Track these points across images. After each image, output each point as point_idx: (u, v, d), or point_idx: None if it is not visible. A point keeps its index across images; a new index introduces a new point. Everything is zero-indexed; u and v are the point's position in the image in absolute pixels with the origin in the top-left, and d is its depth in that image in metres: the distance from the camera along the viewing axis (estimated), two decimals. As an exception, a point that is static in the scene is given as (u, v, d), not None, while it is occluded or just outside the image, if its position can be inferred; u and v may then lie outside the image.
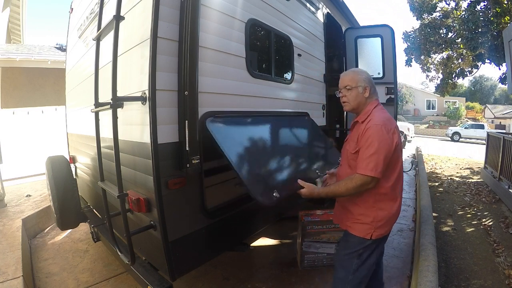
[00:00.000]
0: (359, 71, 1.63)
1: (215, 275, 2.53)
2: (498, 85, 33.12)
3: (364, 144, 1.43)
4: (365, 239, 1.52)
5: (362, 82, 1.56)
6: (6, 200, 3.93)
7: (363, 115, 1.56)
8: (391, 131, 1.43)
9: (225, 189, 1.99)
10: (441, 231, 3.58)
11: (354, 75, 1.59)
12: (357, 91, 1.56)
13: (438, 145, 15.92)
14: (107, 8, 1.76)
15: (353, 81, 1.58)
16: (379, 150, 1.38)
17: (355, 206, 1.56)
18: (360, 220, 1.54)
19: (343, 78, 1.63)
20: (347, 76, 1.62)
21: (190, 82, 1.47)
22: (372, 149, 1.39)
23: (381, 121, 1.44)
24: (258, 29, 2.22)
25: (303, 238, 2.54)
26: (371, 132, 1.42)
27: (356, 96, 1.57)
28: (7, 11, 8.10)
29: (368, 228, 1.51)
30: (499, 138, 5.39)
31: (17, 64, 6.67)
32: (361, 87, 1.56)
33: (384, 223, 1.52)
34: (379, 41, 3.72)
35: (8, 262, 2.38)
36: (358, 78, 1.57)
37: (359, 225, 1.54)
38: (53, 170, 2.49)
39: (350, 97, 1.59)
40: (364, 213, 1.52)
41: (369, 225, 1.51)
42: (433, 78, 10.60)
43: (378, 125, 1.42)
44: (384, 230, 1.54)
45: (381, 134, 1.41)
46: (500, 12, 7.00)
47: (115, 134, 1.41)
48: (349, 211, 1.59)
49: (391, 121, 1.49)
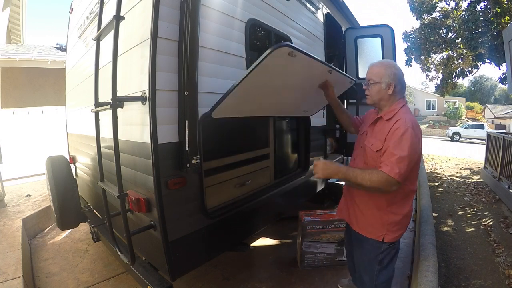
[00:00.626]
0: (388, 65, 1.53)
1: (215, 275, 2.53)
2: (498, 85, 33.13)
3: (394, 145, 1.35)
4: (378, 241, 1.50)
5: (386, 78, 1.48)
6: (6, 200, 3.93)
7: (388, 113, 1.49)
8: (418, 136, 1.38)
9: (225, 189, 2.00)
10: (441, 231, 3.58)
11: (380, 70, 1.51)
12: (380, 86, 1.49)
13: (438, 145, 15.92)
14: (107, 8, 1.76)
15: (378, 75, 1.50)
16: (409, 156, 1.32)
17: (367, 206, 1.53)
18: (371, 222, 1.52)
19: (370, 70, 1.55)
20: (373, 69, 1.54)
21: (190, 82, 1.47)
22: (403, 153, 1.31)
23: (411, 124, 1.37)
24: (258, 29, 2.22)
25: (303, 238, 2.54)
26: (403, 134, 1.34)
27: (378, 92, 1.50)
28: (7, 11, 8.10)
29: (380, 231, 1.49)
30: (499, 138, 5.39)
31: (17, 64, 6.68)
32: (385, 83, 1.48)
33: (395, 226, 1.49)
34: (379, 41, 3.72)
35: (8, 262, 2.38)
36: (383, 73, 1.49)
37: (370, 227, 1.52)
38: (53, 170, 2.49)
39: (372, 91, 1.53)
40: (375, 215, 1.50)
41: (380, 228, 1.49)
42: (433, 78, 10.61)
43: (410, 128, 1.35)
44: (397, 233, 1.51)
45: (413, 138, 1.34)
46: (500, 12, 7.00)
47: (115, 134, 1.41)
48: (360, 209, 1.56)
49: (418, 126, 1.43)
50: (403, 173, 1.31)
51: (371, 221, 1.53)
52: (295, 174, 2.89)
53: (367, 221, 1.54)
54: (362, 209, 1.56)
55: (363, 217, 1.56)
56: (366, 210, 1.54)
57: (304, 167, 2.99)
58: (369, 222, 1.54)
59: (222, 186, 1.99)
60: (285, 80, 1.68)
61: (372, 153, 1.47)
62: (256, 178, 2.41)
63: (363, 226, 1.57)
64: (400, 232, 1.52)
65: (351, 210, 1.65)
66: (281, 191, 2.56)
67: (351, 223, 1.67)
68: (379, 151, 1.42)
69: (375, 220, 1.51)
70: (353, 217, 1.63)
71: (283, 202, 2.71)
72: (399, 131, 1.35)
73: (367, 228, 1.54)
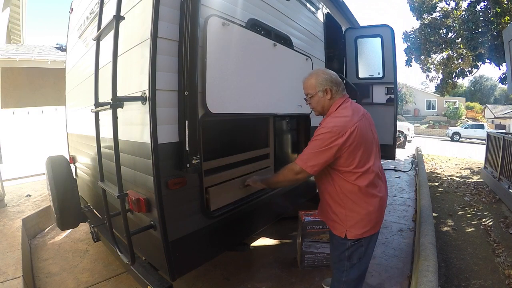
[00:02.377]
0: (316, 73, 1.59)
1: (215, 275, 2.53)
2: (498, 85, 33.12)
3: (309, 142, 1.49)
4: (342, 238, 1.54)
5: (320, 86, 1.54)
6: (6, 200, 3.93)
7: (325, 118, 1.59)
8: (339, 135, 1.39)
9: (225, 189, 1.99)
10: (441, 231, 3.58)
11: (311, 81, 1.58)
12: (317, 96, 1.57)
13: (438, 145, 15.93)
14: (107, 8, 1.76)
15: (312, 87, 1.58)
16: (318, 149, 1.43)
17: (330, 205, 1.59)
18: (334, 219, 1.57)
19: (303, 86, 1.63)
20: (305, 83, 1.62)
21: (190, 82, 1.47)
22: (311, 147, 1.46)
23: (330, 126, 1.43)
24: (258, 29, 2.22)
25: (303, 238, 2.54)
26: (318, 134, 1.46)
27: (318, 102, 1.58)
28: (7, 11, 8.10)
29: (341, 227, 1.53)
30: (499, 138, 5.39)
31: (17, 64, 6.67)
32: (321, 91, 1.55)
33: (355, 223, 1.49)
34: (379, 41, 3.72)
35: (8, 262, 2.38)
36: (315, 83, 1.56)
37: (333, 223, 1.59)
38: (53, 170, 2.49)
39: (313, 103, 1.61)
40: (336, 212, 1.56)
41: (341, 224, 1.53)
42: (433, 78, 10.63)
43: (327, 129, 1.42)
44: (359, 231, 1.49)
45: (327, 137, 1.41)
46: (500, 12, 7.01)
47: (115, 134, 1.41)
48: (327, 209, 1.63)
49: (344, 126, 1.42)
50: (307, 162, 1.45)
51: (333, 217, 1.58)
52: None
53: (331, 217, 1.60)
54: (327, 206, 1.62)
55: (328, 215, 1.62)
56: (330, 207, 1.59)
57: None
58: (332, 218, 1.59)
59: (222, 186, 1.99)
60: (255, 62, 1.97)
61: None
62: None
63: (330, 223, 1.63)
64: (363, 230, 1.50)
65: (323, 209, 1.69)
66: (281, 191, 2.56)
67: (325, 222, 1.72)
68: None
69: (336, 216, 1.56)
70: (325, 215, 1.69)
71: (283, 202, 2.71)
72: (318, 131, 1.48)
73: (334, 225, 1.59)
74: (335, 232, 1.58)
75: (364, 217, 1.50)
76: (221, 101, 1.71)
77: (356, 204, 1.49)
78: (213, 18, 1.62)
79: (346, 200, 1.51)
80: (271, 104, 2.23)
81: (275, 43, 2.18)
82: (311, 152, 1.45)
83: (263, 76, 2.09)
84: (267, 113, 2.34)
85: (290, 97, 2.45)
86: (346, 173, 1.47)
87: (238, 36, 1.83)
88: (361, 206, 1.49)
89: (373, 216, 1.51)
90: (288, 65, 2.41)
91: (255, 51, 2.00)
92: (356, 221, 1.50)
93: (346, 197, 1.50)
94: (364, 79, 3.89)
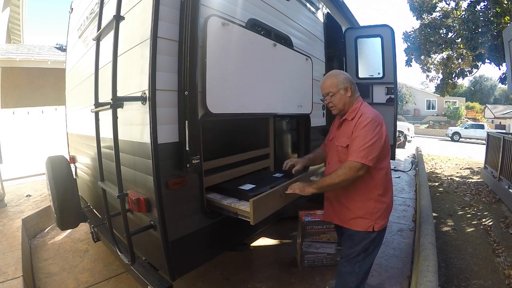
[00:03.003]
0: (336, 73, 1.68)
1: (215, 275, 2.53)
2: (498, 85, 33.10)
3: (357, 137, 1.51)
4: (368, 232, 1.58)
5: (341, 84, 1.63)
6: (6, 200, 3.93)
7: (351, 113, 1.63)
8: (380, 124, 1.53)
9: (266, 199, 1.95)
10: (441, 231, 3.58)
11: (333, 80, 1.65)
12: (339, 94, 1.63)
13: (438, 145, 15.92)
14: (107, 8, 1.76)
15: (333, 86, 1.64)
16: (371, 141, 1.47)
17: (352, 201, 1.61)
18: (360, 214, 1.59)
19: (323, 86, 1.70)
20: (326, 83, 1.68)
21: (190, 82, 1.47)
22: (364, 140, 1.48)
23: (372, 116, 1.54)
24: (258, 29, 2.22)
25: (303, 238, 2.54)
26: (364, 125, 1.50)
27: (340, 99, 1.64)
28: (7, 11, 8.10)
29: (369, 221, 1.57)
30: (499, 138, 5.39)
31: (17, 64, 6.67)
32: (342, 89, 1.63)
33: (382, 214, 1.59)
34: (379, 41, 3.72)
35: (8, 262, 2.38)
36: (337, 82, 1.64)
37: (360, 220, 1.59)
38: (53, 170, 2.49)
39: (335, 101, 1.65)
40: (362, 207, 1.58)
41: (370, 218, 1.57)
42: (433, 78, 10.63)
43: (370, 118, 1.52)
44: (384, 221, 1.61)
45: (374, 126, 1.50)
46: (500, 12, 7.01)
47: (115, 134, 1.41)
48: (347, 207, 1.64)
49: (379, 116, 1.58)
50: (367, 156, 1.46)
51: (356, 214, 1.60)
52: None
53: (353, 215, 1.61)
54: (349, 205, 1.63)
55: (351, 213, 1.63)
56: (353, 205, 1.61)
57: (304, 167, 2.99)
58: (355, 215, 1.61)
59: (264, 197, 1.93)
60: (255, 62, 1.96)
61: (343, 150, 1.61)
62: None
63: (352, 222, 1.63)
64: (386, 219, 1.63)
65: (337, 210, 1.71)
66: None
67: (341, 222, 1.71)
68: (347, 146, 1.57)
69: (361, 211, 1.59)
70: (341, 215, 1.70)
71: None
72: (362, 123, 1.52)
73: (356, 222, 1.61)
74: (359, 228, 1.59)
75: (388, 206, 1.62)
76: (221, 101, 1.71)
77: (383, 193, 1.59)
78: (213, 18, 1.62)
79: (376, 191, 1.57)
80: (271, 104, 2.23)
81: (275, 43, 2.18)
82: (367, 146, 1.46)
83: (263, 76, 2.09)
84: (267, 113, 2.34)
85: (290, 97, 2.45)
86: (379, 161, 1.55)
87: (238, 36, 1.83)
88: (387, 195, 1.61)
89: (392, 205, 1.67)
90: (288, 65, 2.41)
91: (255, 51, 2.00)
92: (383, 212, 1.59)
93: (376, 187, 1.57)
94: (364, 79, 3.89)
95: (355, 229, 1.61)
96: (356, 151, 1.48)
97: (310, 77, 2.76)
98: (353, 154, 1.49)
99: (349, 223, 1.64)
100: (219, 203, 1.78)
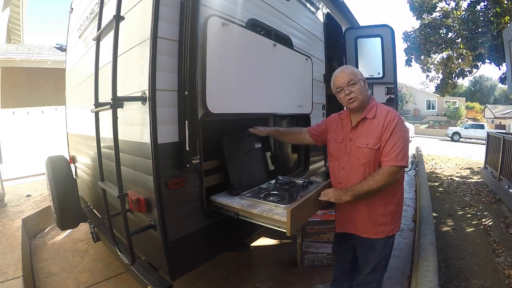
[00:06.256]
0: (352, 67, 1.61)
1: (215, 275, 2.53)
2: (498, 85, 33.12)
3: (391, 137, 1.41)
4: (389, 237, 1.55)
5: (360, 75, 1.55)
6: (6, 200, 3.93)
7: (370, 111, 1.51)
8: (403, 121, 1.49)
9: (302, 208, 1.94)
10: (441, 231, 3.58)
11: (352, 70, 1.55)
12: (360, 84, 1.51)
13: (438, 145, 15.93)
14: (107, 8, 1.76)
15: (354, 74, 1.52)
16: (405, 141, 1.43)
17: (375, 207, 1.51)
18: (382, 222, 1.52)
19: (343, 74, 1.53)
20: (346, 71, 1.53)
21: (190, 82, 1.47)
22: (399, 141, 1.40)
23: (396, 113, 1.47)
24: (258, 29, 2.22)
25: (303, 238, 2.54)
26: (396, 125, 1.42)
27: (361, 90, 1.51)
28: (7, 11, 8.09)
29: (390, 225, 1.54)
30: (499, 138, 5.39)
31: (17, 64, 6.67)
32: (362, 80, 1.53)
33: (399, 216, 1.59)
34: (379, 41, 3.71)
35: (8, 262, 2.38)
36: (357, 72, 1.55)
37: (382, 227, 1.53)
38: (53, 170, 2.49)
39: (357, 91, 1.48)
40: (384, 212, 1.52)
41: (390, 223, 1.54)
42: (433, 78, 10.63)
43: (398, 116, 1.45)
44: (400, 222, 1.60)
45: (402, 125, 1.44)
46: (500, 12, 7.01)
47: (115, 134, 1.41)
48: (368, 216, 1.53)
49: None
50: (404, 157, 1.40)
51: (380, 221, 1.52)
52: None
53: (376, 223, 1.53)
54: (370, 214, 1.53)
55: (371, 222, 1.53)
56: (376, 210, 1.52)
57: (304, 167, 2.99)
58: (379, 223, 1.52)
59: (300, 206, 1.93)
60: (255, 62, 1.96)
61: (370, 152, 1.47)
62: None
63: (372, 230, 1.54)
64: (401, 219, 1.63)
65: (356, 219, 1.59)
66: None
67: (359, 232, 1.60)
68: (378, 148, 1.45)
69: (384, 218, 1.52)
70: (360, 225, 1.58)
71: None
72: (392, 123, 1.43)
73: (378, 229, 1.53)
74: (381, 236, 1.52)
75: (402, 208, 1.60)
76: (221, 101, 1.71)
77: (401, 195, 1.58)
78: (213, 18, 1.62)
79: (398, 192, 1.55)
80: (271, 104, 2.23)
81: (275, 43, 2.18)
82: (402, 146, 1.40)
83: (263, 76, 2.09)
84: (267, 113, 2.34)
85: (290, 97, 2.45)
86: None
87: (238, 36, 1.83)
88: (402, 196, 1.59)
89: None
90: (288, 65, 2.41)
91: (255, 51, 2.00)
92: (400, 214, 1.59)
93: (399, 189, 1.55)
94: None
95: (375, 237, 1.53)
96: (393, 153, 1.39)
97: (310, 77, 2.76)
98: (389, 157, 1.39)
99: (368, 232, 1.55)
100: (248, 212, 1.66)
